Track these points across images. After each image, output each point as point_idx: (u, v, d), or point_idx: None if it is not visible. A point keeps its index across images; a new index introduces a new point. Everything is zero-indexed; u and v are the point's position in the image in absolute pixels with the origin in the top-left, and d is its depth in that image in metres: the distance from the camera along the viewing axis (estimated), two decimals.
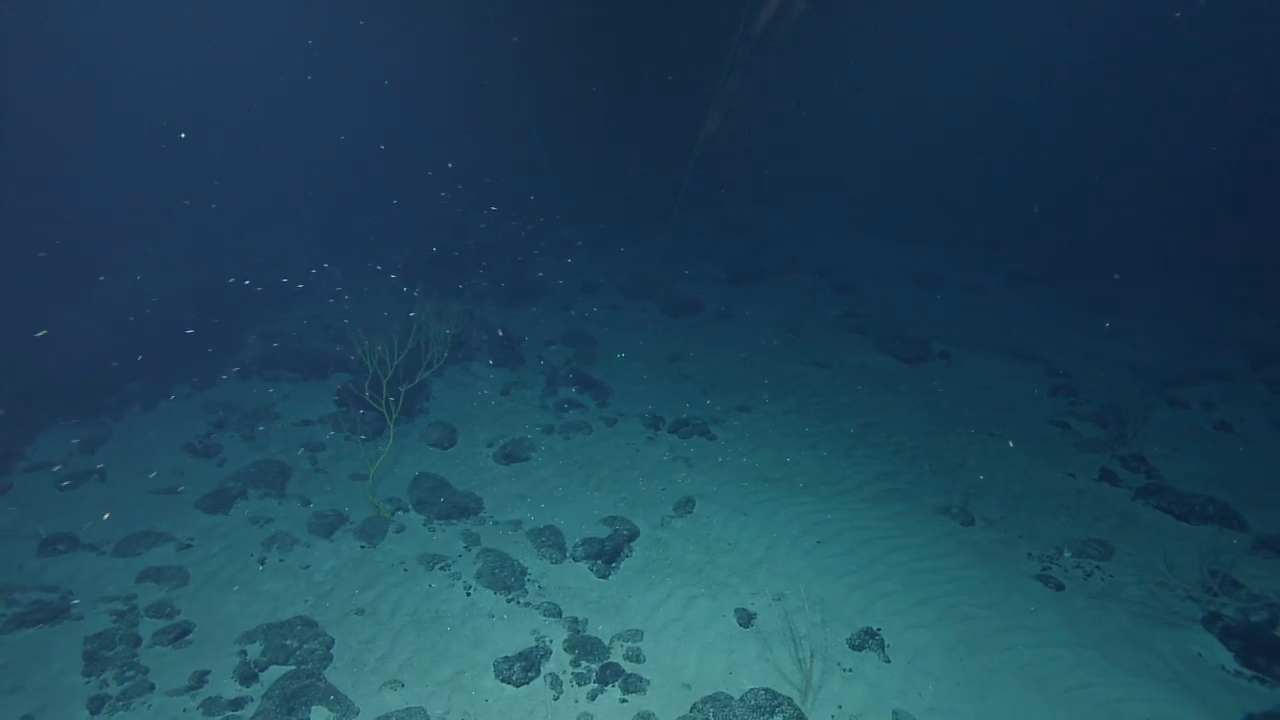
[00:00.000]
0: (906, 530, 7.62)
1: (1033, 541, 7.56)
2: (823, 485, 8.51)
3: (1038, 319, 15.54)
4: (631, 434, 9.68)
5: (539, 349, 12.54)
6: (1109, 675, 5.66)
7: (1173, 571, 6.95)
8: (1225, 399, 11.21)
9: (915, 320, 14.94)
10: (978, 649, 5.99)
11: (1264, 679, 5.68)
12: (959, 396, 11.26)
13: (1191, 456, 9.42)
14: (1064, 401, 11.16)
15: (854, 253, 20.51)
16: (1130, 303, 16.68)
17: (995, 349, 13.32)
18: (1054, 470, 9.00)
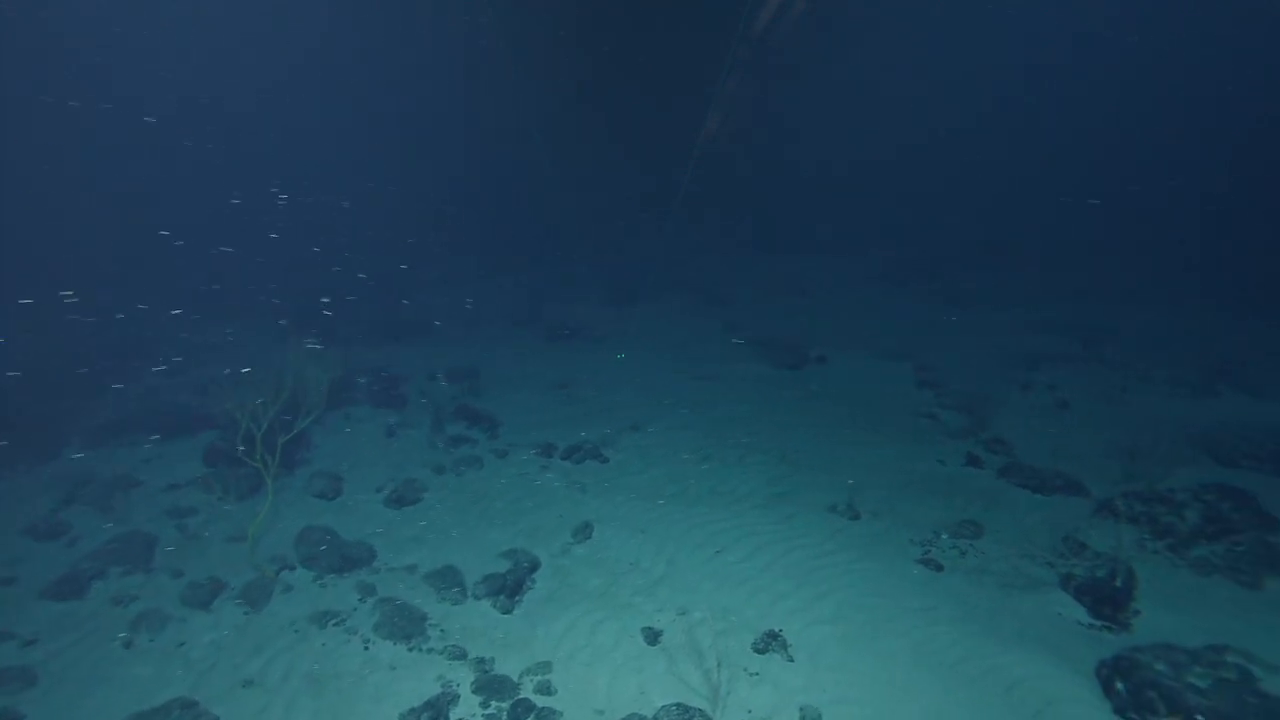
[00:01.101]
0: (798, 531, 7.93)
1: (913, 528, 8.04)
2: (716, 496, 8.73)
3: (905, 318, 16.63)
4: (524, 464, 9.61)
5: (424, 387, 12.23)
6: (987, 645, 6.10)
7: (1032, 542, 7.60)
8: (1065, 378, 12.39)
9: (792, 328, 15.64)
10: (873, 636, 6.30)
11: (1110, 627, 6.30)
12: (837, 397, 11.88)
13: (1041, 433, 10.33)
14: (931, 394, 11.98)
15: (736, 269, 21.25)
16: (987, 297, 18.13)
17: (867, 349, 14.15)
18: (927, 459, 9.63)
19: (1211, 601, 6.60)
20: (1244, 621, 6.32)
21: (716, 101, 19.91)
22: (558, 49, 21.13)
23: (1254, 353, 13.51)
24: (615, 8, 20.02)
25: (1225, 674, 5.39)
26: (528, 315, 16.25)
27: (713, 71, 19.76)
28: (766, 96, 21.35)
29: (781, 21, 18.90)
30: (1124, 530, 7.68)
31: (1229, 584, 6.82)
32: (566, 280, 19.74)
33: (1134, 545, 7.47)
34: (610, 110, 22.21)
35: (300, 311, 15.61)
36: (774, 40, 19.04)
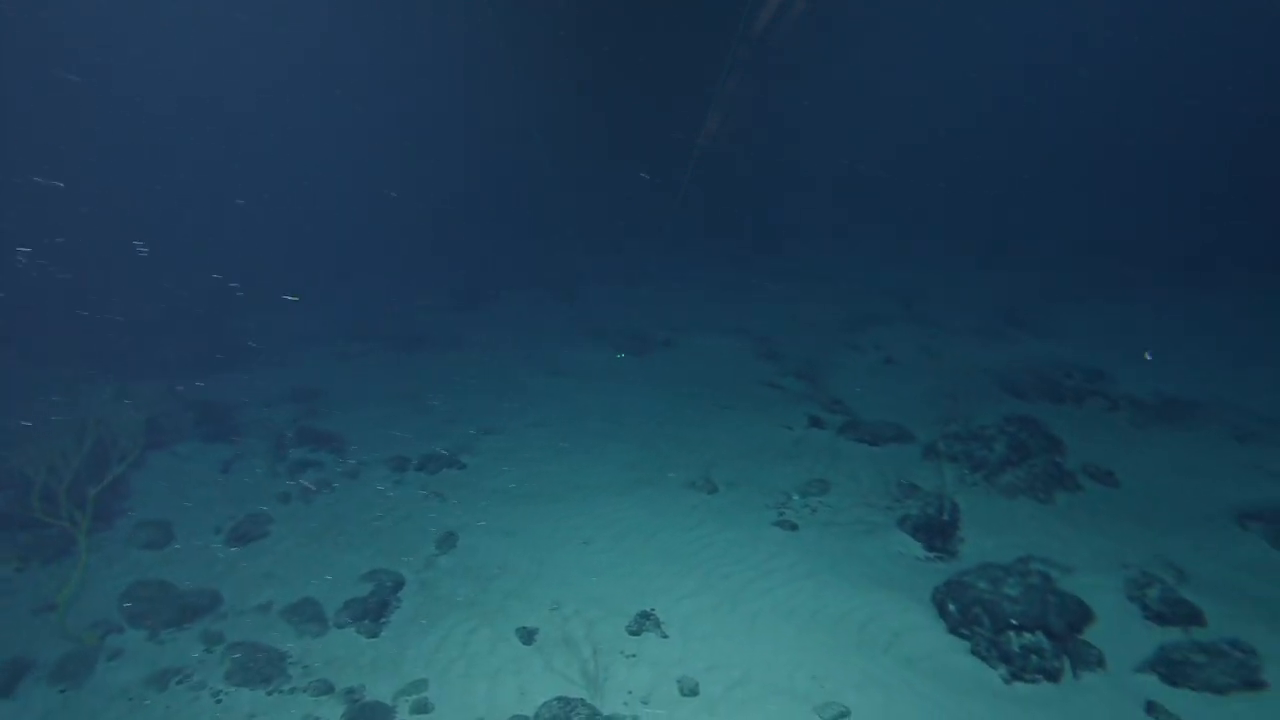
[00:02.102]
0: (661, 512, 8.16)
1: (767, 493, 8.49)
2: (579, 488, 8.80)
3: (739, 295, 17.42)
4: (378, 481, 9.22)
5: (260, 414, 11.41)
6: (840, 591, 6.58)
7: (871, 490, 8.26)
8: (889, 338, 13.50)
9: (636, 315, 15.96)
10: (739, 601, 6.61)
11: (942, 557, 7.00)
12: (686, 376, 12.28)
13: (873, 389, 11.21)
14: (772, 365, 12.66)
15: (583, 264, 21.34)
16: (813, 271, 19.32)
17: (709, 329, 14.71)
18: (774, 426, 10.18)
19: (1018, 520, 7.49)
20: (1042, 533, 7.22)
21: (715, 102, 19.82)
22: (557, 49, 20.38)
23: (1033, 300, 15.33)
24: (615, 7, 19.66)
25: (1031, 580, 6.14)
26: (367, 325, 15.54)
27: (712, 72, 19.65)
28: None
29: (780, 21, 19.10)
30: (946, 468, 8.52)
31: (1030, 502, 7.76)
32: (417, 284, 19.09)
33: (955, 481, 8.31)
34: (610, 110, 21.63)
35: (104, 339, 14.05)
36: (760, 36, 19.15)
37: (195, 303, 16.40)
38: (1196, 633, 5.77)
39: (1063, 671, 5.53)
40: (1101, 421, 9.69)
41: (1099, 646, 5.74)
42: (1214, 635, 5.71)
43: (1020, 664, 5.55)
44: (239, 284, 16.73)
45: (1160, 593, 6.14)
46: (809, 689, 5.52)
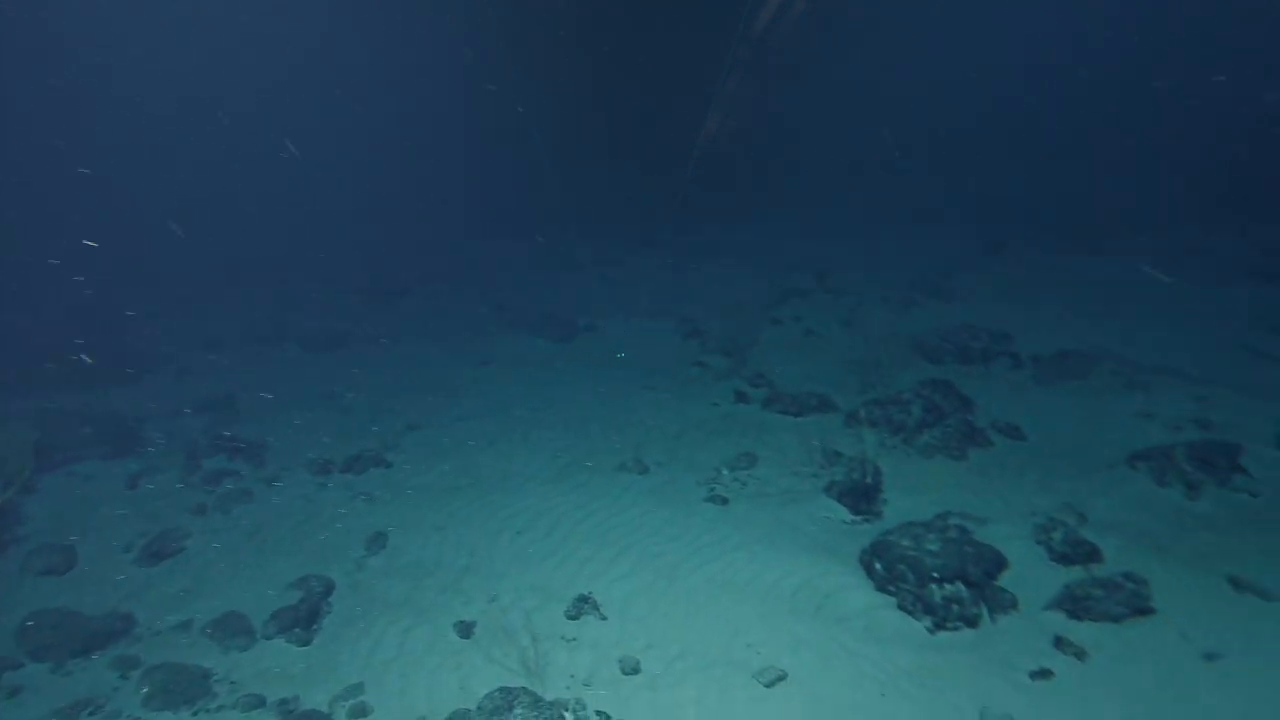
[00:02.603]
0: (593, 496, 8.18)
1: (697, 470, 8.61)
2: (509, 478, 8.73)
3: (661, 279, 17.52)
4: (301, 486, 8.92)
5: (167, 425, 10.84)
6: (771, 560, 6.75)
7: (797, 460, 8.49)
8: (807, 311, 13.84)
9: (559, 302, 15.87)
10: (674, 578, 6.71)
11: (867, 519, 7.27)
12: (612, 360, 12.31)
13: (795, 361, 11.49)
14: (696, 344, 12.81)
15: (501, 254, 21.03)
16: (731, 249, 19.57)
17: (630, 312, 14.76)
18: (701, 404, 10.32)
19: (935, 478, 7.84)
20: (958, 489, 7.59)
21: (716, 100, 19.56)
22: (557, 48, 19.77)
23: (942, 266, 15.97)
24: (615, 7, 19.20)
25: (949, 534, 6.45)
26: (280, 326, 14.93)
27: (712, 71, 19.36)
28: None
29: (780, 21, 18.91)
30: (867, 434, 8.82)
31: (946, 460, 8.13)
32: (326, 281, 18.42)
33: (877, 445, 8.62)
34: (609, 108, 21.10)
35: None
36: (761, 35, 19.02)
37: (98, 306, 15.43)
38: (1096, 569, 6.18)
39: (981, 617, 5.83)
40: (1008, 380, 10.22)
41: (1012, 590, 6.07)
42: (1111, 570, 6.12)
43: (943, 614, 5.82)
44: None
45: (1064, 535, 6.54)
46: (746, 657, 5.66)
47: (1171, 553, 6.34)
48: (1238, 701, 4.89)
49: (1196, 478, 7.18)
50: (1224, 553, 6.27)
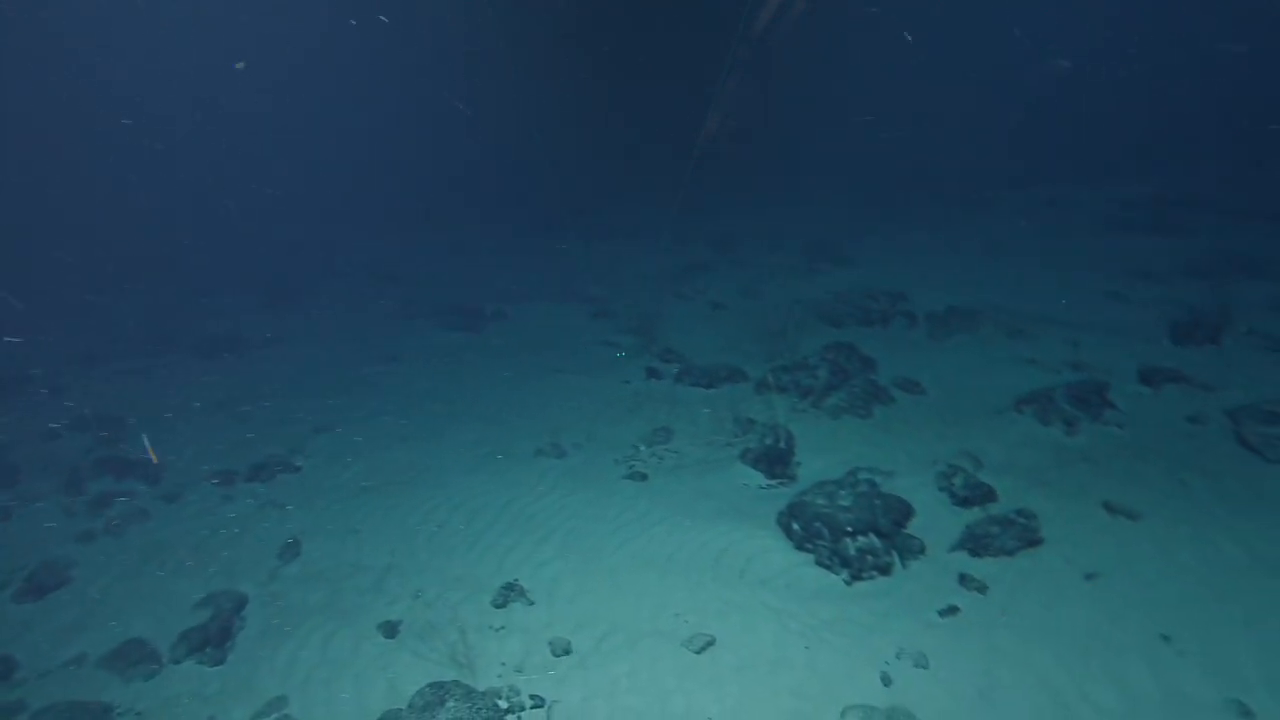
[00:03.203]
0: (513, 483, 8.12)
1: (615, 449, 8.67)
2: (426, 472, 8.55)
3: (561, 261, 17.42)
4: (203, 500, 8.46)
5: (39, 449, 10.04)
6: (694, 530, 6.90)
7: (712, 431, 8.67)
8: (711, 283, 14.07)
9: (463, 290, 15.56)
10: (599, 557, 6.76)
11: (783, 482, 7.52)
12: (523, 346, 12.18)
13: (703, 335, 11.68)
14: (605, 323, 12.83)
15: (401, 246, 20.37)
16: (626, 229, 19.63)
17: (537, 297, 14.63)
18: (613, 383, 10.36)
19: (844, 437, 8.17)
20: (866, 445, 7.94)
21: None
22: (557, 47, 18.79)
23: (838, 234, 16.55)
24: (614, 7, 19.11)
25: (860, 489, 6.76)
26: (167, 334, 14.02)
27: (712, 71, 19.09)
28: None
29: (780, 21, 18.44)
30: (777, 400, 9.09)
31: (854, 420, 8.48)
32: (204, 291, 17.36)
33: (787, 410, 8.89)
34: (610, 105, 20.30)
35: None
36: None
37: None
38: (992, 509, 6.61)
39: (894, 565, 6.15)
40: (905, 338, 10.72)
41: (920, 536, 6.43)
42: (1005, 508, 6.57)
43: (858, 565, 6.10)
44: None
45: (963, 480, 6.95)
46: (675, 626, 5.77)
47: (1055, 486, 6.85)
48: (1113, 613, 5.36)
49: (1073, 415, 7.76)
50: (1098, 481, 6.83)
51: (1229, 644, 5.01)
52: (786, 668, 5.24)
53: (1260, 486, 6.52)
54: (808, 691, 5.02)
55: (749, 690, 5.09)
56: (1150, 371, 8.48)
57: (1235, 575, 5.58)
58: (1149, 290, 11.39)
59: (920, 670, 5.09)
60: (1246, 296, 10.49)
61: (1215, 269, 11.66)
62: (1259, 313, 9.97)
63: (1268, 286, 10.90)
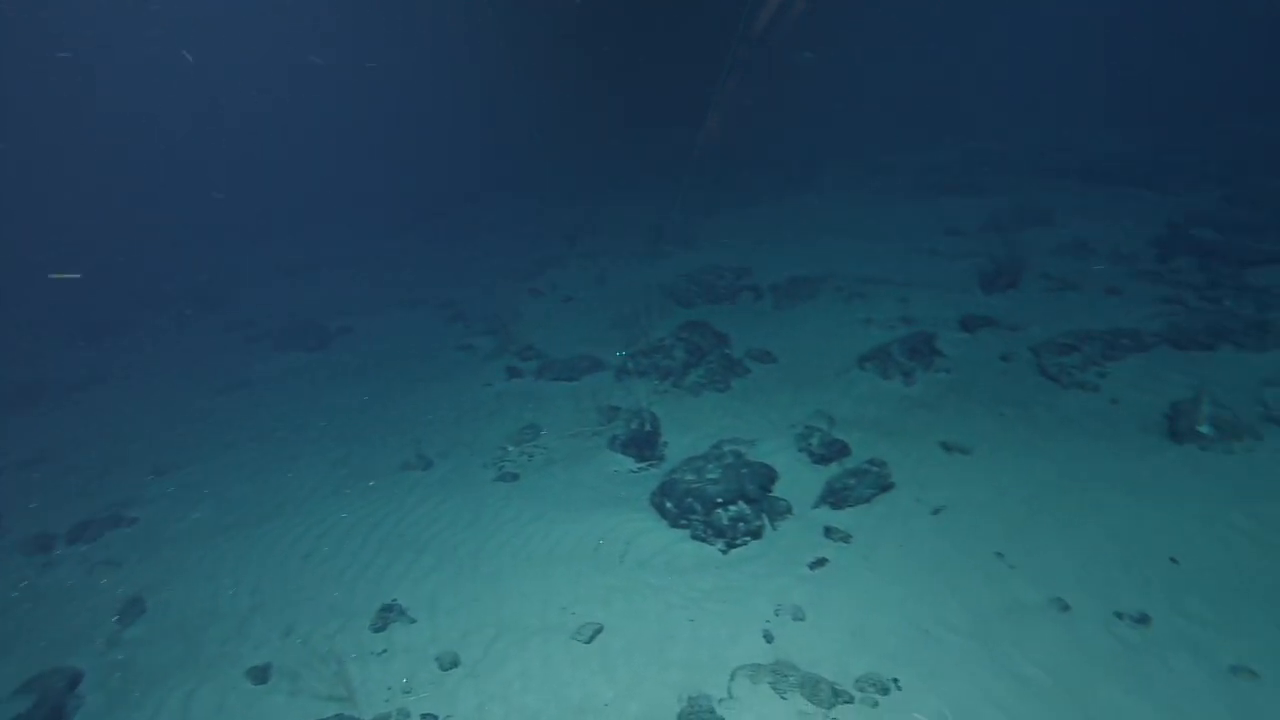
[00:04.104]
0: (380, 502, 7.80)
1: (483, 453, 8.52)
2: (285, 503, 8.04)
3: (411, 266, 16.83)
4: (14, 573, 7.52)
5: None
6: (570, 523, 6.92)
7: (578, 422, 8.72)
8: (562, 278, 14.08)
9: (308, 307, 14.69)
10: (478, 563, 6.64)
11: (652, 464, 7.69)
12: (376, 359, 11.69)
13: (560, 328, 11.68)
14: (461, 327, 12.54)
15: (225, 267, 18.86)
16: (484, 230, 19.24)
17: (384, 305, 14.07)
18: (474, 386, 10.16)
19: (706, 413, 8.45)
20: (728, 417, 8.26)
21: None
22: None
23: (678, 216, 17.00)
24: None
25: (726, 461, 7.04)
26: None
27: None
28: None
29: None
30: (639, 384, 9.26)
31: (714, 395, 8.79)
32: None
33: (649, 393, 9.07)
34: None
35: None
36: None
37: None
38: (847, 462, 7.09)
39: (764, 528, 6.45)
40: (753, 310, 11.21)
41: (786, 497, 6.78)
42: (858, 460, 7.07)
43: (732, 534, 6.36)
44: None
45: (820, 439, 7.40)
46: (562, 620, 5.78)
47: (900, 434, 7.44)
48: (957, 541, 5.91)
49: (909, 367, 8.44)
50: (935, 424, 7.49)
51: (1047, 551, 5.67)
52: (673, 642, 5.38)
53: (1061, 410, 7.39)
54: (696, 661, 5.19)
55: (640, 670, 5.19)
56: (968, 319, 9.35)
57: (1048, 491, 6.30)
58: (960, 245, 12.53)
59: (798, 623, 5.39)
60: (1038, 244, 11.79)
61: (1011, 222, 13.00)
62: (1048, 257, 11.24)
63: (1053, 234, 12.29)
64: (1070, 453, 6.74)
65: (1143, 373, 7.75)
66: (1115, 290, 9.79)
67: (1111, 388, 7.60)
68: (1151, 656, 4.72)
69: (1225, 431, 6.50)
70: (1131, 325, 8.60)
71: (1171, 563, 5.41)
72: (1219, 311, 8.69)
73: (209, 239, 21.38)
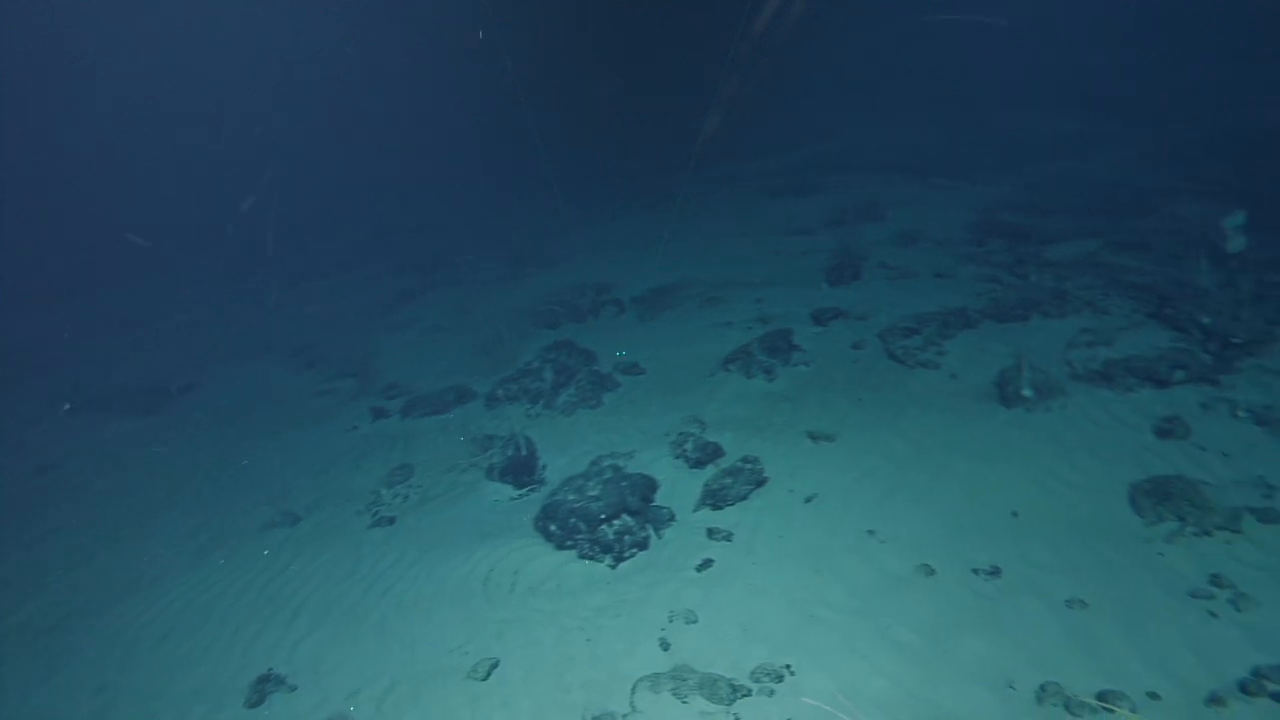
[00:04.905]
0: (244, 566, 7.26)
1: (353, 501, 8.12)
2: (135, 584, 7.32)
3: (258, 313, 15.83)
4: None
5: None
6: (455, 559, 6.73)
7: (453, 456, 8.49)
8: (423, 308, 13.70)
9: (140, 367, 13.47)
10: (362, 615, 6.31)
11: (533, 488, 7.62)
12: (226, 416, 10.88)
13: (424, 362, 11.33)
14: (318, 372, 11.91)
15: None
16: (332, 267, 18.37)
17: (229, 358, 13.15)
18: (338, 432, 9.68)
19: (581, 431, 8.46)
20: (603, 433, 8.31)
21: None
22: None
23: (540, 236, 17.01)
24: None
25: (606, 476, 7.08)
26: None
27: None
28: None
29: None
30: (510, 410, 9.15)
31: (587, 412, 8.83)
32: None
33: (523, 417, 8.99)
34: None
35: None
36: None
37: None
38: (722, 463, 7.31)
39: (650, 537, 6.54)
40: (618, 324, 11.35)
41: (668, 505, 6.90)
42: (732, 459, 7.30)
43: (619, 548, 6.40)
44: None
45: (694, 444, 7.59)
46: (457, 662, 5.61)
47: (768, 429, 7.76)
48: (830, 525, 6.25)
49: (769, 364, 8.84)
50: (800, 416, 7.87)
51: (911, 522, 6.10)
52: (572, 664, 5.35)
53: (909, 389, 7.98)
54: (596, 680, 5.17)
55: (541, 698, 5.12)
56: (819, 312, 9.90)
57: (906, 466, 6.78)
58: (806, 243, 13.26)
59: (692, 626, 5.50)
60: (874, 237, 12.69)
61: (849, 218, 13.92)
62: (884, 248, 12.12)
63: (885, 227, 13.27)
64: (921, 427, 7.29)
65: (974, 347, 8.50)
66: (943, 274, 10.70)
67: (950, 363, 8.29)
68: (1004, 603, 5.18)
69: (1044, 392, 7.26)
70: (960, 305, 9.42)
71: (1013, 516, 5.96)
72: (1028, 286, 9.69)
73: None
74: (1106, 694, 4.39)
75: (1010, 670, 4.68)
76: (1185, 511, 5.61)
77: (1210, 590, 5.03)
